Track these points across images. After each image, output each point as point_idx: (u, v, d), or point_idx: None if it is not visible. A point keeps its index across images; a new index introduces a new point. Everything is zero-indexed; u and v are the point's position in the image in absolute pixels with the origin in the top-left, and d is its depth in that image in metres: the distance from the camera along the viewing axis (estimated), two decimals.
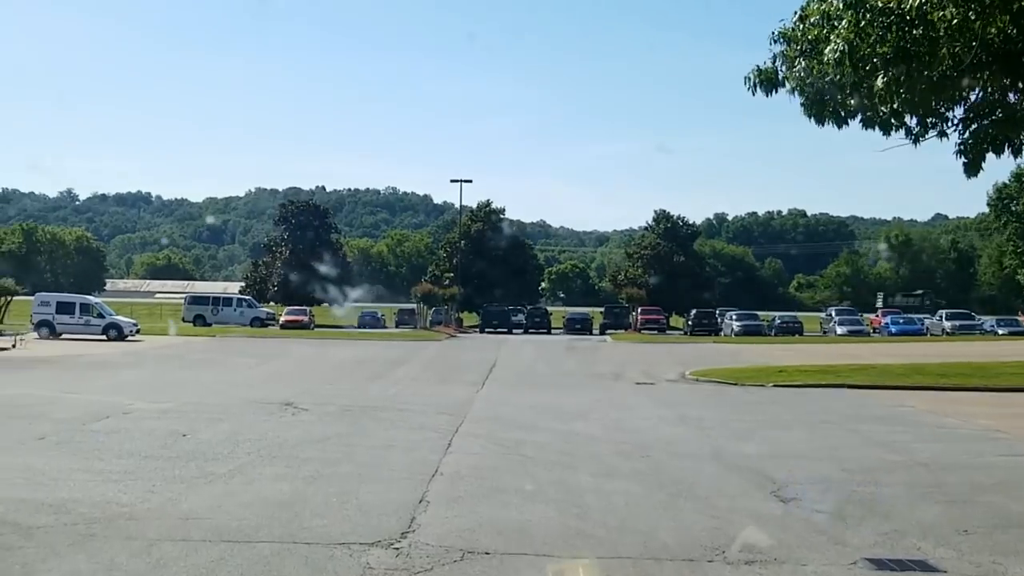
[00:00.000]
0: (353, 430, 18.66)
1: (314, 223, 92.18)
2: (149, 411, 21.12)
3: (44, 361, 34.94)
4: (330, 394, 25.55)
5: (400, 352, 44.53)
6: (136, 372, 31.63)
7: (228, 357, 39.40)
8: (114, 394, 24.45)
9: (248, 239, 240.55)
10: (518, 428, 19.43)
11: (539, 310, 76.90)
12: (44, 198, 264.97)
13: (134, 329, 49.95)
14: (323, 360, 38.98)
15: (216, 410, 21.42)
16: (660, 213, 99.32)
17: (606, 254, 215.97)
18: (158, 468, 14.19)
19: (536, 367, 37.53)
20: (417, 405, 23.33)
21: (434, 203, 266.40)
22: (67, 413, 20.41)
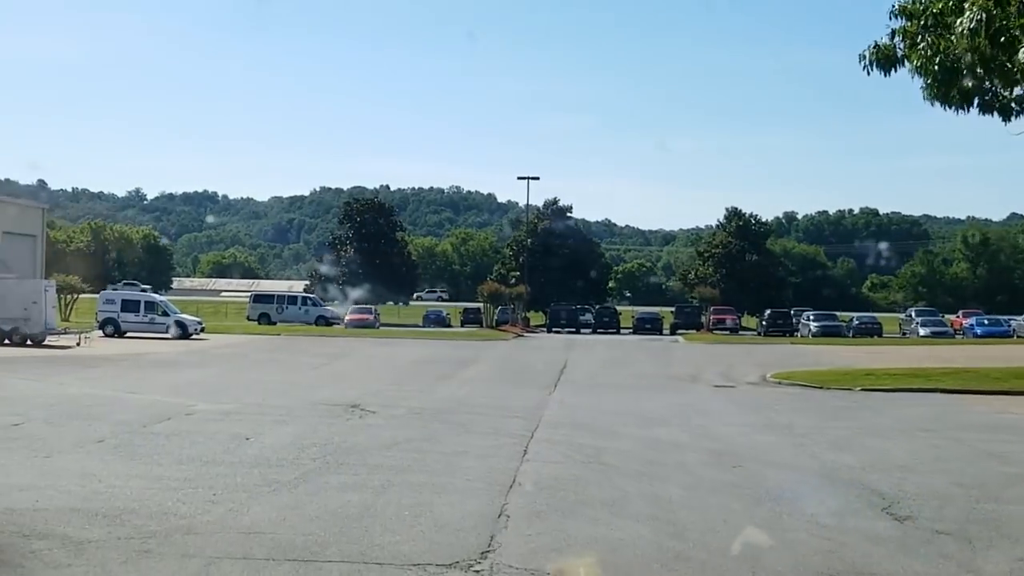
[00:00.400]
0: (423, 435, 17.84)
1: (379, 221, 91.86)
2: (212, 413, 20.52)
3: (107, 359, 34.69)
4: (398, 396, 24.80)
5: (468, 352, 43.76)
6: (199, 372, 31.19)
7: (293, 357, 38.92)
8: (176, 394, 23.93)
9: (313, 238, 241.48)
10: (597, 434, 18.47)
11: (608, 309, 75.78)
12: (113, 197, 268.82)
13: (198, 327, 49.76)
14: (389, 360, 38.33)
15: (280, 412, 20.76)
16: (732, 211, 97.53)
17: (673, 253, 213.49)
18: (219, 475, 13.48)
19: (609, 368, 36.51)
20: (488, 408, 22.49)
21: (498, 202, 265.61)
22: (128, 414, 19.87)
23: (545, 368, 35.50)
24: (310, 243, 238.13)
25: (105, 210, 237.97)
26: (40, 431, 17.39)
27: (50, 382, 26.45)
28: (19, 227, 52.91)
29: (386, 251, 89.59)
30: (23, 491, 12.13)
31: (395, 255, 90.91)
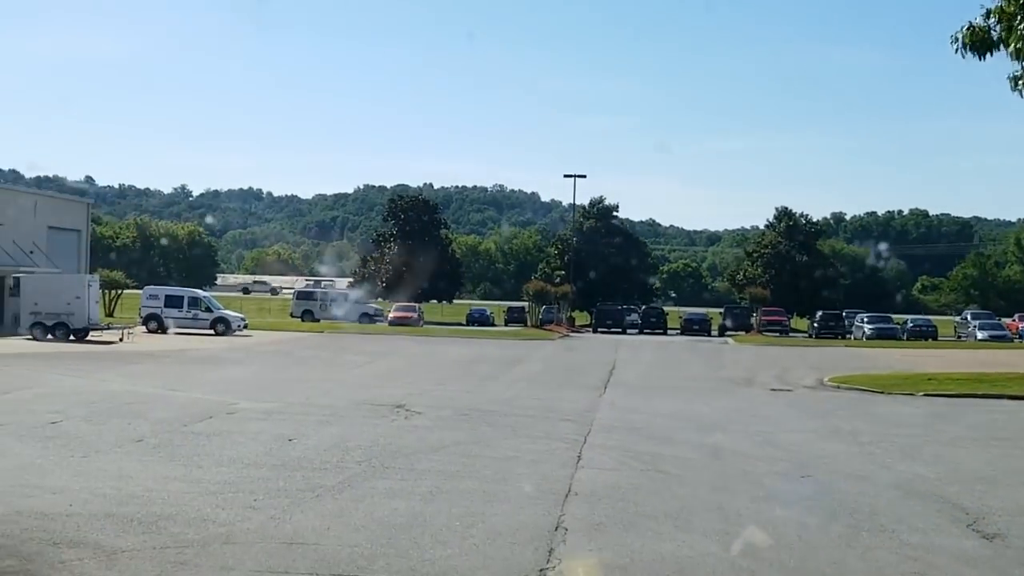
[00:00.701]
0: (472, 437, 17.20)
1: (423, 218, 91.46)
2: (254, 412, 20.01)
3: (150, 356, 34.39)
4: (444, 396, 24.19)
5: (514, 351, 43.10)
6: (242, 369, 30.79)
7: (336, 354, 38.46)
8: (218, 392, 23.48)
9: (356, 235, 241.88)
10: (653, 440, 17.73)
11: (655, 309, 74.77)
12: (159, 194, 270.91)
13: (242, 324, 49.48)
14: (434, 359, 37.76)
15: (324, 412, 20.22)
16: (781, 211, 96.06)
17: (718, 253, 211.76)
18: (261, 479, 12.92)
19: (659, 370, 35.69)
20: (538, 410, 21.81)
21: (542, 201, 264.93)
22: (168, 412, 19.41)
23: (594, 369, 34.77)
24: (353, 240, 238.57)
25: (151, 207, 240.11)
26: (79, 429, 16.95)
27: (92, 378, 26.12)
28: (63, 222, 52.91)
29: (429, 248, 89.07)
30: (56, 494, 11.64)
31: (438, 253, 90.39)
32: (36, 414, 18.63)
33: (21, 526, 10.08)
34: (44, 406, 19.86)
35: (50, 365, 29.45)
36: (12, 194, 48.19)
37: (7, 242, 46.53)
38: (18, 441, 15.63)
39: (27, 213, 48.76)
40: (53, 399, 21.13)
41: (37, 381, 24.91)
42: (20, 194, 48.80)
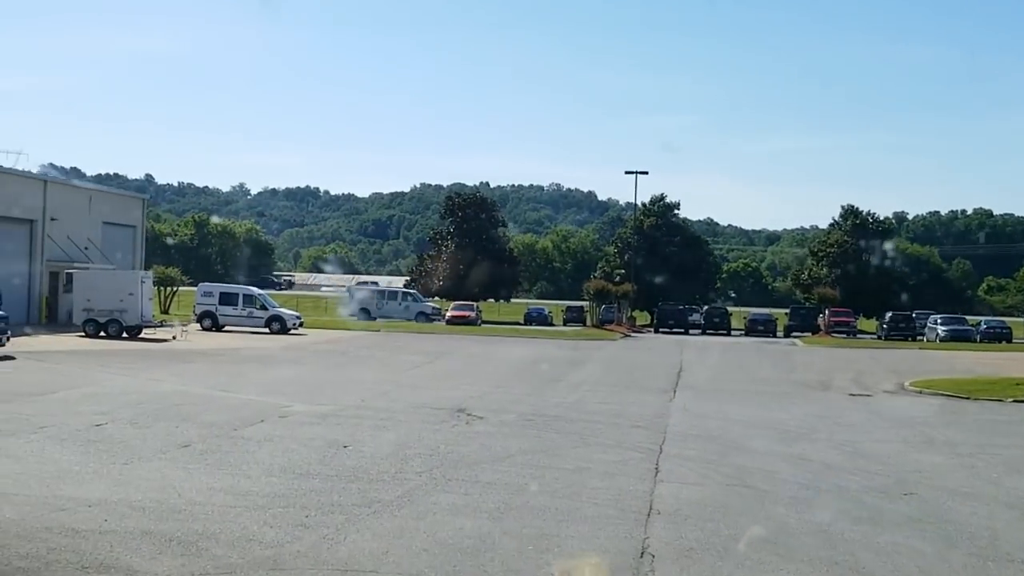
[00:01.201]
0: (538, 446, 16.11)
1: (480, 216, 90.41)
2: (307, 415, 19.10)
3: (203, 354, 33.71)
4: (506, 399, 23.14)
5: (575, 352, 41.95)
6: (296, 369, 29.95)
7: (393, 354, 37.56)
8: (271, 393, 22.63)
9: (412, 234, 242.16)
10: (733, 449, 16.52)
11: (718, 309, 73.04)
12: (218, 192, 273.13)
13: (297, 322, 48.77)
14: (494, 359, 36.70)
15: (381, 416, 19.25)
16: (848, 208, 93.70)
17: (777, 253, 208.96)
18: (314, 491, 11.95)
19: (728, 372, 34.33)
20: (606, 415, 20.68)
21: (599, 200, 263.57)
22: (218, 415, 18.55)
23: (660, 371, 33.54)
24: (409, 239, 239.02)
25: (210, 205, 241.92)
26: (123, 433, 16.12)
27: (142, 378, 25.42)
28: (119, 217, 52.63)
29: (487, 246, 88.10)
30: (92, 507, 10.74)
31: (496, 251, 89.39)
32: (81, 416, 17.87)
33: (49, 545, 9.17)
34: (90, 407, 19.11)
35: (101, 363, 28.84)
36: (67, 189, 47.88)
37: (61, 237, 46.26)
38: (59, 445, 14.81)
39: (82, 208, 48.55)
40: (100, 399, 20.39)
41: (86, 380, 24.24)
42: (75, 189, 48.47)
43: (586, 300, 76.20)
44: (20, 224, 44.64)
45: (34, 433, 15.82)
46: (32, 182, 45.05)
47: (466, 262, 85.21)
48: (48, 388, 22.14)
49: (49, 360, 29.12)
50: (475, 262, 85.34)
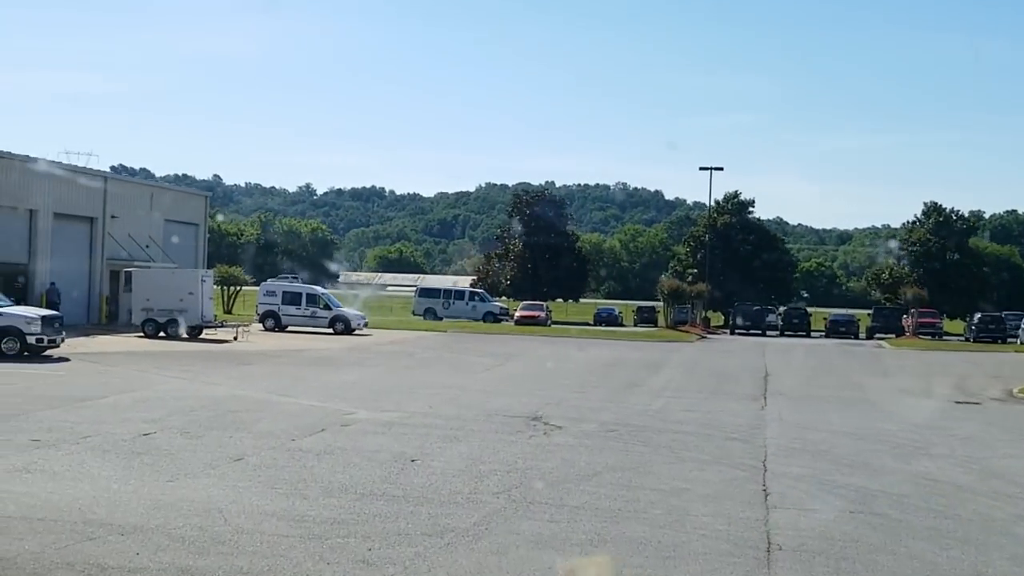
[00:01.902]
0: (627, 462, 14.55)
1: (548, 214, 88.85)
2: (372, 423, 17.71)
3: (264, 356, 32.58)
4: (584, 406, 21.60)
5: (651, 354, 40.24)
6: (360, 372, 28.63)
7: (461, 356, 36.19)
8: (333, 398, 21.31)
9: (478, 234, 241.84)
10: (847, 467, 14.82)
11: (797, 310, 70.62)
12: (284, 192, 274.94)
13: (361, 322, 47.57)
14: (567, 362, 35.16)
15: (451, 424, 17.82)
16: (931, 206, 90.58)
17: (849, 252, 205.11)
18: (378, 516, 10.53)
19: (817, 377, 32.42)
20: (695, 425, 19.05)
21: (665, 199, 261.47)
22: (276, 423, 17.24)
23: (745, 375, 31.77)
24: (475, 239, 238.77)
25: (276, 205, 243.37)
26: (172, 444, 14.84)
27: (198, 381, 24.25)
28: (181, 215, 51.83)
29: (555, 245, 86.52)
30: (125, 536, 9.41)
31: (565, 249, 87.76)
32: (129, 423, 16.65)
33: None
34: (140, 414, 17.91)
35: (157, 365, 27.79)
36: (128, 186, 47.19)
37: (122, 235, 45.54)
38: (100, 458, 13.57)
39: (143, 206, 47.82)
40: (152, 405, 19.20)
41: (140, 383, 23.11)
42: (136, 186, 47.80)
43: (658, 300, 74.33)
44: (80, 222, 43.96)
45: (76, 443, 14.61)
46: (92, 179, 44.26)
47: (534, 261, 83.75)
48: (99, 392, 21.03)
49: (104, 362, 28.14)
50: (543, 261, 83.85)
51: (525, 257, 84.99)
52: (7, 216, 39.30)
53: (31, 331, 28.03)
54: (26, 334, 27.98)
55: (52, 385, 22.31)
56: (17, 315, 28.44)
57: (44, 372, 24.95)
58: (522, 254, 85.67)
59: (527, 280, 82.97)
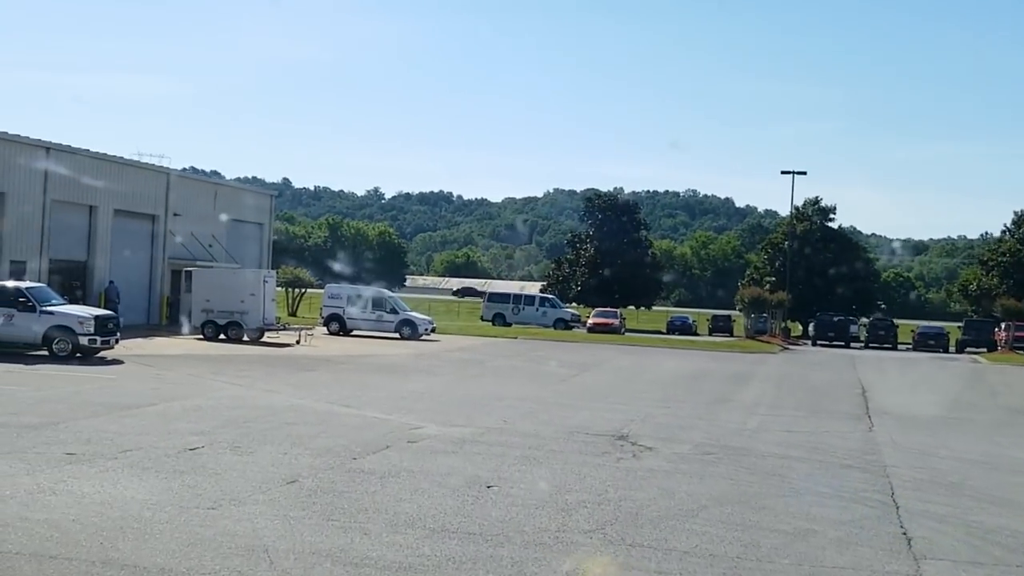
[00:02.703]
0: (734, 492, 12.76)
1: (621, 218, 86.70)
2: (441, 440, 16.09)
3: (327, 361, 31.13)
4: (672, 423, 19.81)
5: (735, 366, 38.20)
6: (428, 380, 27.03)
7: (534, 365, 34.49)
8: (399, 410, 19.73)
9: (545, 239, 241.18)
10: (991, 504, 12.90)
11: (884, 321, 67.59)
12: (352, 196, 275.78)
13: (429, 327, 46.03)
14: (647, 373, 33.29)
15: (528, 442, 16.14)
16: (1022, 214, 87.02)
17: (925, 263, 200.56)
18: (451, 559, 8.91)
19: (921, 395, 30.21)
20: (801, 448, 17.15)
21: (736, 206, 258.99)
22: (336, 438, 15.67)
23: (839, 391, 29.69)
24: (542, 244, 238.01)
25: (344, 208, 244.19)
26: (220, 461, 13.34)
27: (256, 388, 22.83)
28: (246, 214, 50.68)
29: (628, 251, 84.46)
30: None
31: (637, 255, 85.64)
32: (176, 436, 15.20)
33: None
34: (189, 424, 16.47)
35: (214, 370, 26.43)
36: (191, 183, 46.01)
37: (185, 234, 44.52)
38: (138, 477, 12.09)
39: (207, 204, 46.76)
40: (203, 415, 17.76)
41: (193, 390, 21.72)
42: (199, 183, 46.61)
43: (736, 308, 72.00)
44: (141, 219, 42.97)
45: (114, 459, 13.17)
46: (153, 175, 43.26)
47: (605, 267, 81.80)
48: (148, 399, 19.66)
49: (159, 365, 26.87)
50: (615, 267, 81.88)
51: (596, 262, 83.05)
52: (66, 212, 38.35)
53: (84, 332, 26.84)
54: (78, 335, 26.80)
55: (100, 390, 21.00)
56: (69, 315, 27.29)
57: (94, 375, 23.70)
58: (593, 259, 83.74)
59: (598, 286, 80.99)
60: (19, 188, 35.65)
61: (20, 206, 35.51)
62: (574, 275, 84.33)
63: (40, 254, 36.23)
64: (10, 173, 35.20)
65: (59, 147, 37.79)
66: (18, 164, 35.30)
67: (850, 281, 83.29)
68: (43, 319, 26.87)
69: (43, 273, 35.92)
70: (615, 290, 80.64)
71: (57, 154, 37.37)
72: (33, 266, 35.55)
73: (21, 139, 35.89)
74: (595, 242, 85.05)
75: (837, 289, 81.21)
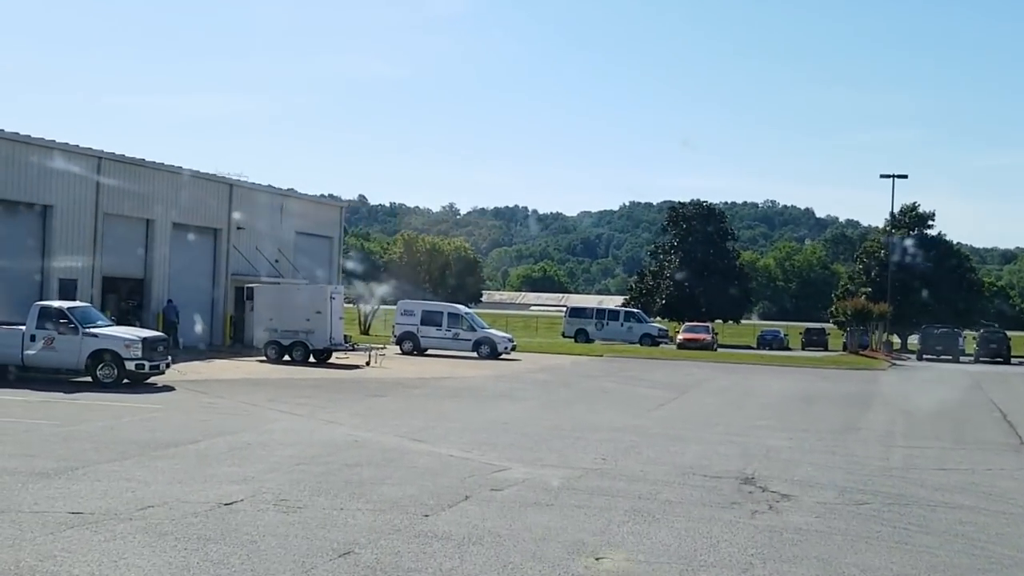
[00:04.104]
0: (917, 566, 9.82)
1: (707, 228, 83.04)
2: (531, 486, 13.37)
3: (399, 385, 28.50)
4: (802, 460, 16.87)
5: (846, 386, 34.92)
6: (511, 407, 24.20)
7: (625, 386, 31.57)
8: (480, 445, 17.04)
9: (622, 253, 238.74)
10: None
11: (996, 334, 62.95)
12: (428, 212, 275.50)
13: (509, 346, 43.28)
14: (753, 395, 30.14)
15: (637, 489, 13.39)
16: None
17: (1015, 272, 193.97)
18: None
19: None
20: (970, 494, 14.17)
21: (816, 217, 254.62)
22: (404, 486, 13.02)
23: (978, 416, 26.31)
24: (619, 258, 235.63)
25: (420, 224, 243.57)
26: (259, 522, 10.75)
27: (316, 419, 20.24)
28: (314, 227, 48.25)
29: (715, 262, 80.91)
30: None
31: (725, 267, 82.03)
32: (213, 484, 12.68)
33: None
34: (232, 468, 13.94)
35: (272, 397, 23.92)
36: (256, 194, 43.45)
37: (248, 248, 42.27)
38: (150, 548, 9.55)
39: (273, 216, 44.41)
40: (250, 455, 15.21)
41: (245, 422, 19.20)
42: (265, 194, 44.09)
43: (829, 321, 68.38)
44: (202, 233, 40.79)
45: (128, 519, 10.67)
46: (215, 186, 40.94)
47: (692, 279, 78.46)
48: (191, 434, 17.16)
49: (212, 392, 24.45)
50: (702, 279, 78.49)
51: (682, 274, 79.74)
52: (121, 226, 36.20)
53: (131, 356, 24.48)
54: (124, 359, 24.45)
55: (139, 423, 18.58)
56: (114, 337, 24.92)
57: (138, 405, 21.34)
58: (678, 271, 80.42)
59: (683, 299, 77.60)
60: (68, 201, 33.45)
61: (70, 220, 33.36)
62: (658, 288, 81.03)
63: (92, 272, 34.07)
64: (58, 184, 32.97)
65: (112, 156, 35.48)
66: (67, 175, 33.10)
67: (952, 291, 78.96)
68: (86, 342, 24.56)
69: (96, 292, 33.85)
70: (701, 303, 77.22)
71: (110, 164, 35.14)
72: (85, 285, 33.44)
73: (70, 148, 33.57)
74: (680, 253, 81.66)
75: (939, 300, 76.92)
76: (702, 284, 78.09)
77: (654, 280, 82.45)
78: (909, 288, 75.27)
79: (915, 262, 78.00)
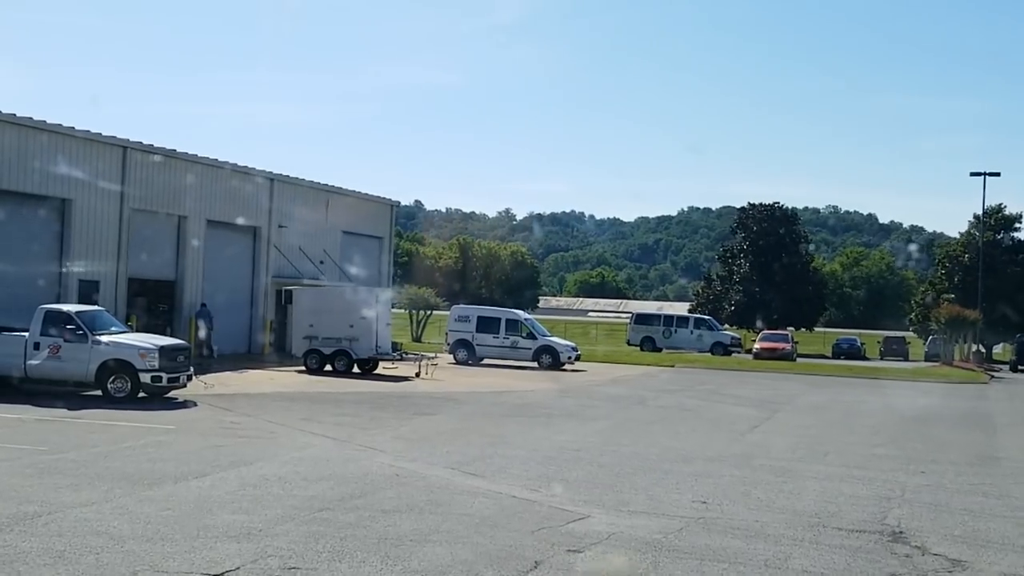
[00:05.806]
0: None
1: (779, 231, 79.22)
2: (618, 542, 10.44)
3: (450, 401, 25.39)
4: (950, 503, 13.75)
5: (956, 402, 31.46)
6: (581, 429, 21.01)
7: (707, 403, 28.29)
8: (548, 480, 14.05)
9: (680, 259, 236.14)
10: None
11: None
12: (484, 217, 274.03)
13: (573, 355, 40.00)
14: (856, 415, 26.64)
15: (757, 549, 10.41)
16: None
17: None
18: None
19: None
20: None
21: (879, 223, 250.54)
22: (453, 545, 10.07)
23: None
24: (676, 264, 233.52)
25: (476, 230, 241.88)
26: None
27: (353, 443, 17.22)
28: (362, 226, 45.27)
29: (787, 266, 77.14)
30: None
31: (798, 271, 78.24)
32: (207, 541, 9.79)
33: None
34: (236, 516, 11.02)
35: (306, 415, 20.95)
36: (299, 190, 40.38)
37: (291, 248, 39.43)
38: None
39: (318, 214, 41.52)
40: (265, 493, 12.30)
41: (267, 449, 16.21)
42: (308, 190, 40.96)
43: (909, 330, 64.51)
44: (240, 231, 37.88)
45: None
46: (255, 180, 37.76)
47: (763, 284, 74.81)
48: (198, 466, 14.22)
49: (238, 409, 21.53)
50: (773, 284, 74.85)
51: (752, 279, 76.06)
52: (150, 223, 33.32)
53: (146, 366, 21.60)
54: (139, 371, 21.57)
55: (140, 450, 15.69)
56: (127, 345, 21.99)
57: (148, 425, 18.46)
58: (749, 276, 76.74)
59: (754, 305, 73.94)
60: (89, 195, 30.45)
61: (91, 216, 30.46)
62: (727, 293, 77.41)
63: (116, 273, 31.23)
64: (78, 176, 29.94)
65: (139, 146, 32.49)
66: (88, 166, 30.23)
67: None
68: (95, 351, 21.73)
69: (120, 295, 31.09)
70: (774, 309, 73.57)
71: (137, 154, 32.22)
72: (108, 287, 30.65)
73: (91, 136, 30.62)
74: (750, 257, 77.99)
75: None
76: (774, 289, 74.50)
77: (722, 285, 78.91)
78: (996, 294, 71.10)
79: (999, 267, 73.85)
